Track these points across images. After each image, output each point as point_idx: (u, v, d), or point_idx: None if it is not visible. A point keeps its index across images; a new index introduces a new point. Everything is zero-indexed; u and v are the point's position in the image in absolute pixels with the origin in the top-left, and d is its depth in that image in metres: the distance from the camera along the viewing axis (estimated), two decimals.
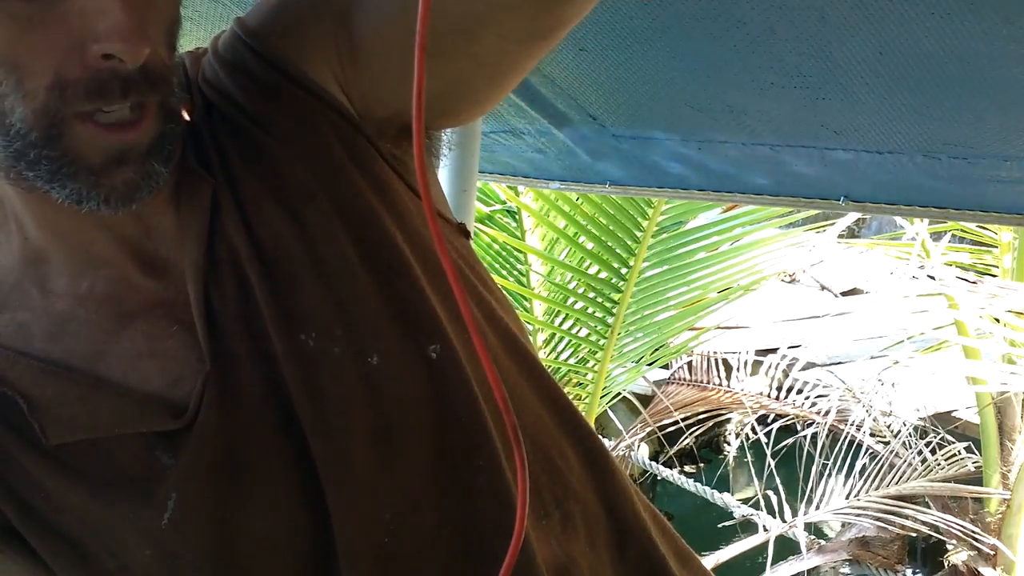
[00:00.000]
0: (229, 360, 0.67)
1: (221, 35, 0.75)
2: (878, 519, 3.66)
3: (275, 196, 0.69)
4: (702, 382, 4.71)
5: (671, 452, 4.82)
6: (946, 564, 3.80)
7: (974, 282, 3.56)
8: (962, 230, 3.82)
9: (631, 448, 4.51)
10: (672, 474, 4.74)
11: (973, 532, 3.58)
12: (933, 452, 3.90)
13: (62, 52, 0.55)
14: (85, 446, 0.65)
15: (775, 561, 3.84)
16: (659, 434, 4.54)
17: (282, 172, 0.70)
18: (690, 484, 4.57)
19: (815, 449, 4.01)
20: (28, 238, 0.65)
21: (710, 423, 4.66)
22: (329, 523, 0.68)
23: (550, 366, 3.30)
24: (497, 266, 3.53)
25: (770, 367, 4.59)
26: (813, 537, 4.07)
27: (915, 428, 4.06)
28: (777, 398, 4.50)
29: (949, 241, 3.80)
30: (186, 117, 0.69)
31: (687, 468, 5.72)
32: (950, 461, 3.87)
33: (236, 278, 0.68)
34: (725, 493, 4.39)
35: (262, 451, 0.68)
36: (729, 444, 5.61)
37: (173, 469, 0.65)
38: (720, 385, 4.64)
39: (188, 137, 0.69)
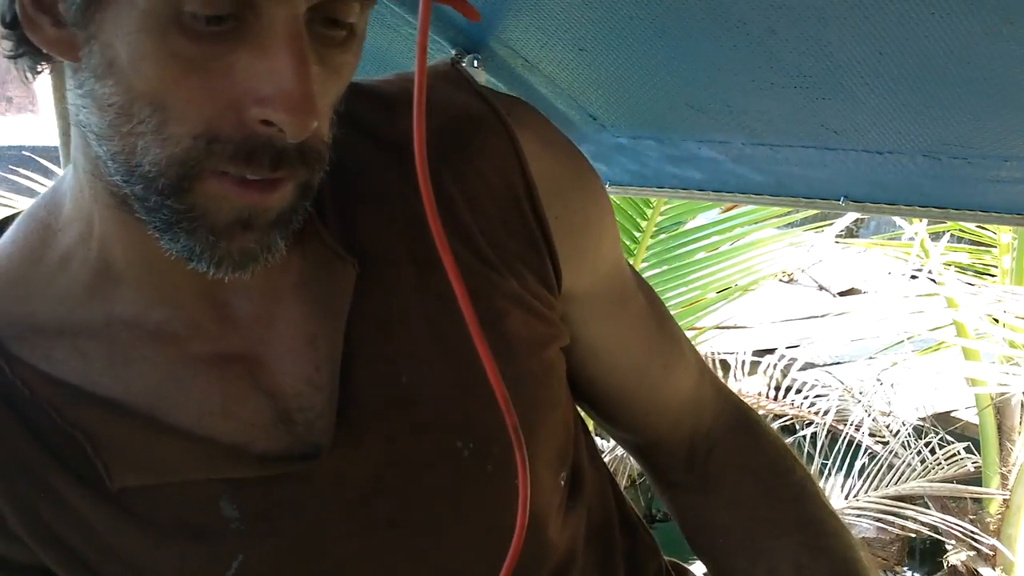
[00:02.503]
0: (347, 445, 0.65)
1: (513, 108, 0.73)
2: (877, 519, 3.66)
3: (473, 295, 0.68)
4: None
5: None
6: (945, 564, 3.80)
7: (973, 284, 3.56)
8: (961, 230, 3.82)
9: None
10: None
11: (972, 532, 3.57)
12: (933, 452, 3.90)
13: (219, 106, 0.51)
14: (148, 491, 0.62)
15: None
16: None
17: (487, 279, 0.68)
18: None
19: (814, 449, 4.01)
20: (108, 260, 0.62)
21: None
22: None
23: None
24: None
25: (768, 367, 4.58)
26: None
27: (914, 428, 4.06)
28: (776, 398, 4.50)
29: (948, 241, 3.80)
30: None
31: None
32: (950, 461, 3.86)
33: (392, 365, 0.66)
34: None
35: (348, 542, 0.66)
36: None
37: (237, 523, 0.63)
38: None
39: (344, 202, 0.67)
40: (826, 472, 3.91)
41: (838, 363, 4.75)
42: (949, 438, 3.99)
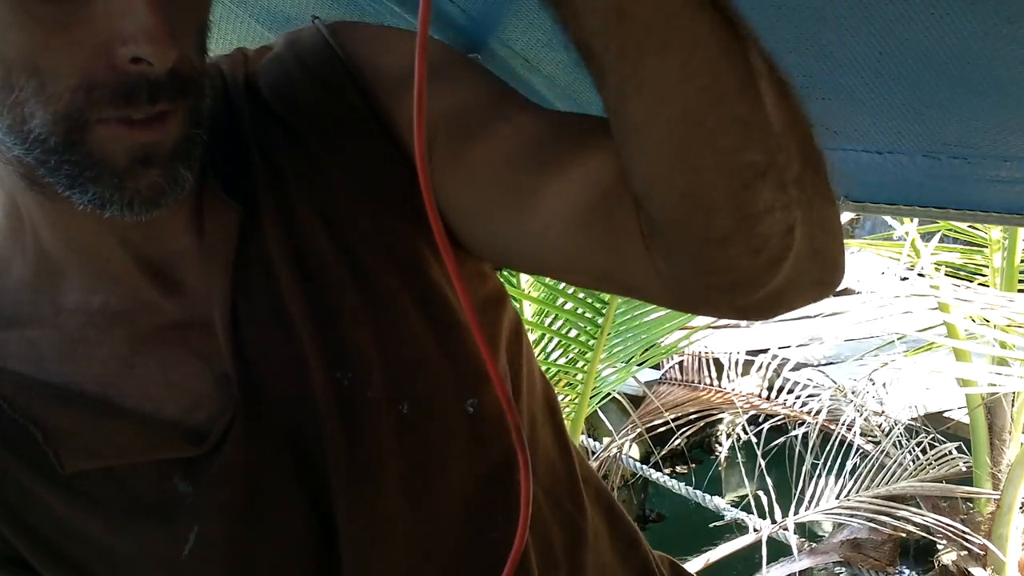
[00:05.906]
0: (258, 391, 0.66)
1: (296, 39, 0.72)
2: (869, 519, 3.67)
3: (330, 228, 0.67)
4: (693, 382, 4.71)
5: (661, 453, 4.82)
6: (936, 564, 3.82)
7: (964, 287, 3.57)
8: (953, 230, 3.83)
9: (621, 449, 4.51)
10: (660, 476, 4.74)
11: (963, 532, 3.59)
12: (924, 452, 3.91)
13: (88, 55, 0.53)
14: (101, 474, 0.64)
15: (767, 563, 3.84)
16: (646, 436, 4.54)
17: (342, 206, 0.68)
18: (679, 487, 4.58)
19: (806, 449, 4.02)
20: (44, 250, 0.64)
21: (701, 423, 4.67)
22: (340, 565, 0.68)
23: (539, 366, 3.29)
24: None
25: (761, 367, 4.59)
26: (804, 539, 4.08)
27: (906, 428, 4.07)
28: (768, 398, 4.51)
29: (940, 241, 3.81)
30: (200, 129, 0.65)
31: (679, 468, 5.73)
32: (941, 461, 3.88)
33: (273, 307, 0.66)
34: (716, 496, 4.40)
35: (284, 486, 0.67)
36: (720, 444, 5.62)
37: (191, 498, 0.64)
38: (711, 385, 4.65)
39: (215, 154, 0.67)
40: (818, 472, 3.92)
41: (831, 363, 4.77)
42: (941, 438, 4.01)
